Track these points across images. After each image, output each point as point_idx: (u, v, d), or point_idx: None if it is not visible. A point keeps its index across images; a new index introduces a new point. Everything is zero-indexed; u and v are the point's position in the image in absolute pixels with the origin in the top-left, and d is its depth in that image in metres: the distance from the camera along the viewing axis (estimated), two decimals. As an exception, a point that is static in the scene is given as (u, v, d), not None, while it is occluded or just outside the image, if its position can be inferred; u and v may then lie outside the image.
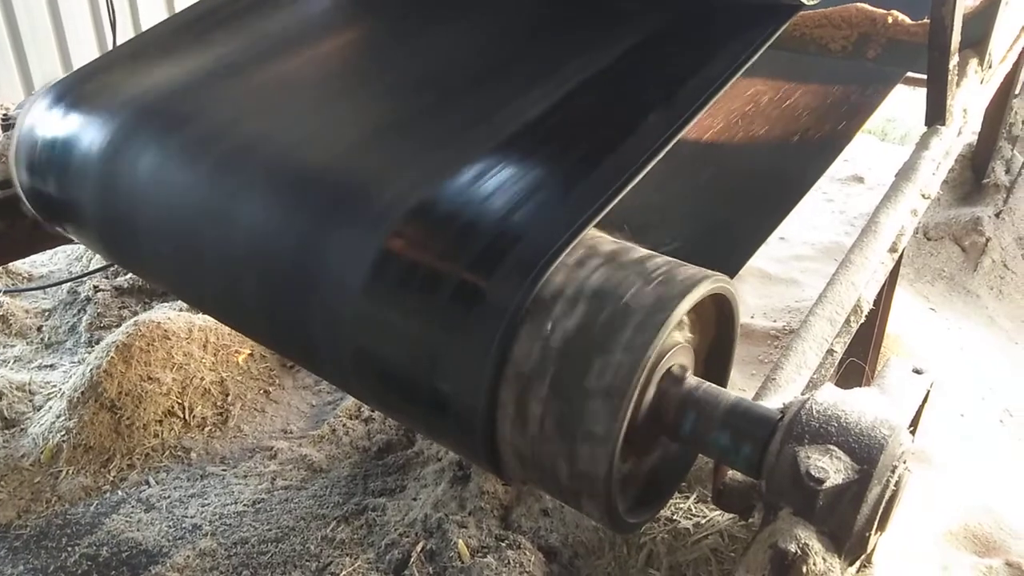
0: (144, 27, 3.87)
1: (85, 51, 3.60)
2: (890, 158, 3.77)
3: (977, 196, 2.90)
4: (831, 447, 0.74)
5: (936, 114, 1.32)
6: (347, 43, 1.37)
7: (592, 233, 0.91)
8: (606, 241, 0.90)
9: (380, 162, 1.07)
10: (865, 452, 0.74)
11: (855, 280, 1.07)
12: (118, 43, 3.56)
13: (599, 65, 1.17)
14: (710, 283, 0.81)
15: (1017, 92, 3.16)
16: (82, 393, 1.90)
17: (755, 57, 1.11)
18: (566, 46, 1.24)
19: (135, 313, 2.32)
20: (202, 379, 2.03)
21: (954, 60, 1.28)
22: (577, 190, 0.95)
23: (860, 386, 1.53)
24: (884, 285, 1.23)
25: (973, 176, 2.98)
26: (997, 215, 2.79)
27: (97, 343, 2.16)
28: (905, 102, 3.15)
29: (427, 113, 1.14)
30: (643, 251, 0.87)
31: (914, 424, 1.05)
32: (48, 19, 3.46)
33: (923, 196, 1.31)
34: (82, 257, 2.67)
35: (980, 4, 1.45)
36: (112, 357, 1.93)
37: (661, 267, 0.81)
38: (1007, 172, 2.92)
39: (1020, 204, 2.84)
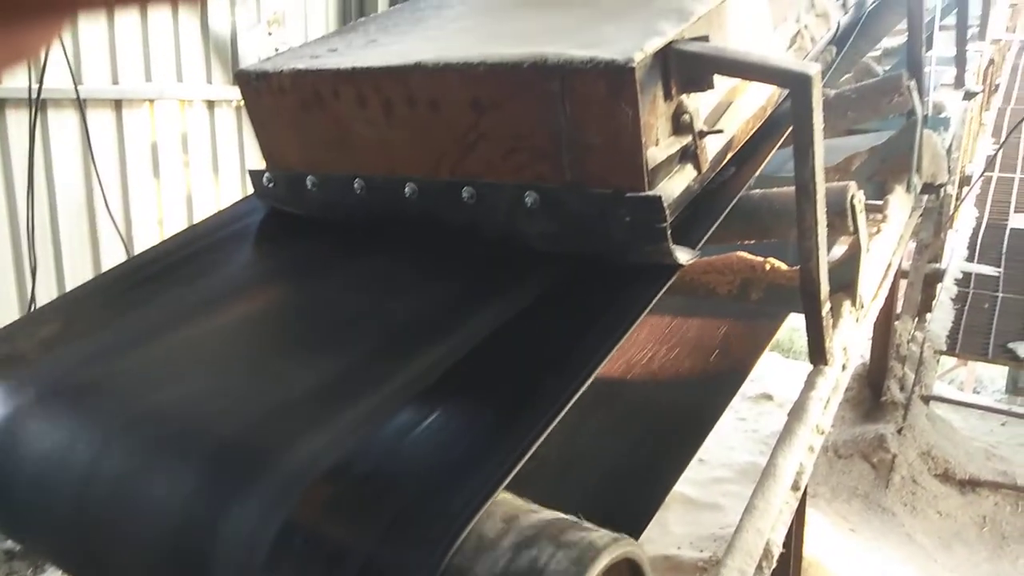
0: (67, 272, 3.91)
1: (4, 298, 3.58)
2: (796, 373, 3.97)
3: (878, 413, 3.06)
4: None
5: (818, 355, 1.42)
6: (259, 306, 1.42)
7: (498, 495, 0.92)
8: (509, 505, 0.90)
9: (286, 426, 1.07)
10: None
11: (760, 526, 1.09)
12: (38, 289, 3.57)
13: (501, 320, 1.24)
14: (615, 549, 0.82)
15: (898, 314, 3.45)
16: None
17: (648, 308, 1.20)
18: (471, 302, 1.32)
19: (22, 579, 2.13)
20: (90, 655, 1.84)
21: (827, 307, 1.40)
22: (483, 452, 0.96)
23: (785, 628, 1.50)
24: (792, 524, 1.25)
25: (871, 394, 3.15)
26: (899, 431, 2.93)
27: (-26, 617, 1.96)
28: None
29: (333, 374, 1.17)
30: (543, 515, 0.87)
31: (837, 675, 1.03)
32: (-35, 265, 3.48)
33: (818, 432, 1.38)
34: (-31, 516, 2.48)
35: (844, 254, 1.62)
36: (-12, 636, 1.75)
37: (561, 536, 0.81)
38: (902, 390, 3.10)
39: (918, 420, 3.00)
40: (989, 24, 4.61)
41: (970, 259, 4.46)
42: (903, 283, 3.47)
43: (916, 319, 3.39)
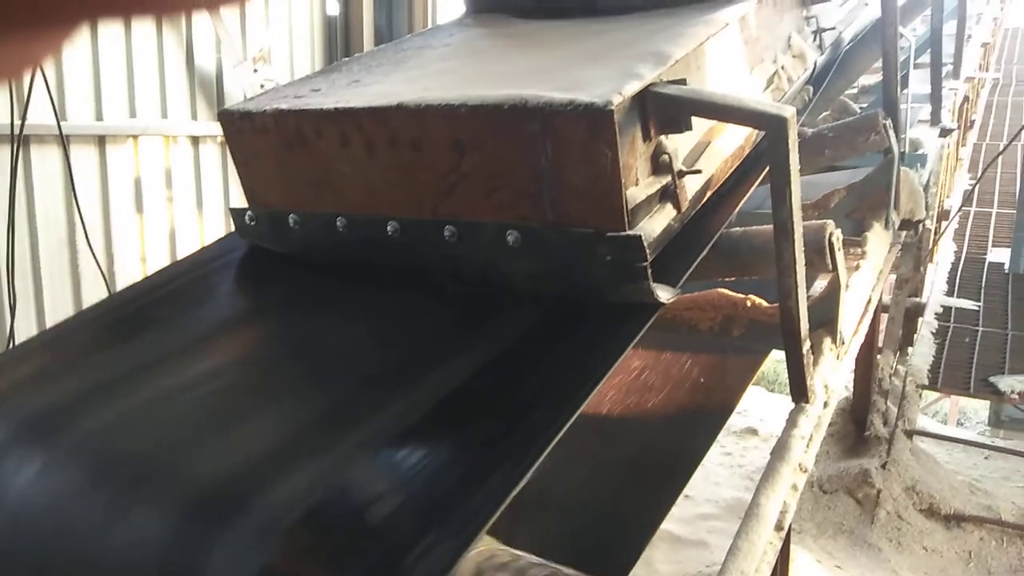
0: (47, 308, 3.87)
1: (-23, 334, 3.54)
2: (781, 408, 3.98)
3: (862, 447, 3.06)
4: None
5: (799, 393, 1.43)
6: (239, 347, 1.41)
7: (479, 541, 0.91)
8: (490, 551, 0.89)
9: (264, 471, 1.06)
10: None
11: (744, 568, 1.08)
12: (17, 325, 3.53)
13: (483, 360, 1.24)
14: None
15: (880, 347, 3.47)
16: None
17: (629, 347, 1.20)
18: (453, 342, 1.31)
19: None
20: None
21: (807, 344, 1.41)
22: (463, 497, 0.95)
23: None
24: (777, 564, 1.24)
25: (855, 428, 3.16)
26: (883, 466, 2.93)
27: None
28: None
29: (311, 418, 1.16)
30: (523, 561, 0.87)
31: None
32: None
33: (801, 470, 1.38)
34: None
35: (824, 291, 1.64)
36: None
37: (543, 585, 0.81)
38: (885, 424, 3.11)
39: (902, 454, 3.00)
40: (963, 63, 4.72)
41: (950, 293, 4.51)
42: (884, 316, 3.49)
43: (898, 353, 3.42)
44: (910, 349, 3.57)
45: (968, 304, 4.38)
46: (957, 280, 4.77)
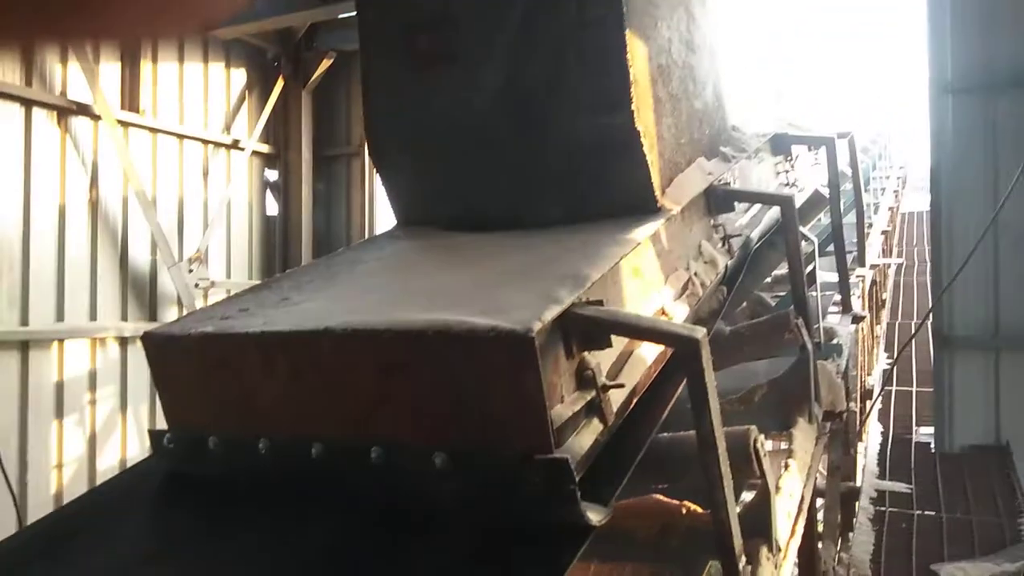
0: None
1: None
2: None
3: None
4: None
5: (740, 612, 1.39)
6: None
7: None
8: None
9: None
10: None
11: None
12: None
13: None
14: None
15: (820, 532, 3.43)
16: None
17: (566, 573, 1.16)
18: (385, 572, 1.26)
19: None
20: None
21: (742, 561, 1.39)
22: None
23: None
24: None
25: (806, 626, 3.05)
26: (838, 669, 2.81)
27: None
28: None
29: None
30: None
31: None
32: None
33: None
34: None
35: (755, 498, 1.64)
36: None
37: None
38: (836, 623, 3.01)
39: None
40: (866, 250, 5.07)
41: (882, 476, 4.58)
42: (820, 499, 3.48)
43: (839, 541, 3.39)
44: (850, 535, 3.55)
45: (901, 487, 4.43)
46: (888, 462, 4.86)
